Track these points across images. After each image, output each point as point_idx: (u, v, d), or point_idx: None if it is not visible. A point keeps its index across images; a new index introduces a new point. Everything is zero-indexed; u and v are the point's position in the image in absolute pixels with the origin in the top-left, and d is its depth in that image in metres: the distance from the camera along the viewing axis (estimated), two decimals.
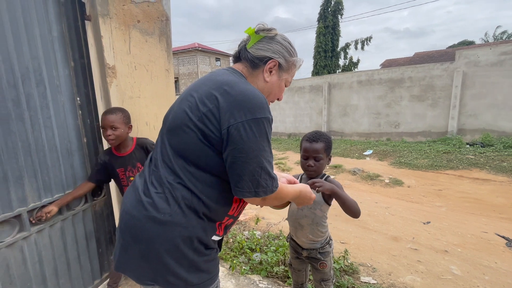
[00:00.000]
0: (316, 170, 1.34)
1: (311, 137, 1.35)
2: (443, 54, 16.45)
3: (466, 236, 2.97)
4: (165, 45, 1.91)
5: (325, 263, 1.43)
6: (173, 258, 0.73)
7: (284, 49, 0.87)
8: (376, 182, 5.19)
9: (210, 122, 0.72)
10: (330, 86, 9.65)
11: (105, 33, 1.61)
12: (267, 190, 0.75)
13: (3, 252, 1.17)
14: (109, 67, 1.67)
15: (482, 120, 6.92)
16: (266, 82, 0.87)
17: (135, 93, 1.80)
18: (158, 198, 0.74)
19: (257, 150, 0.71)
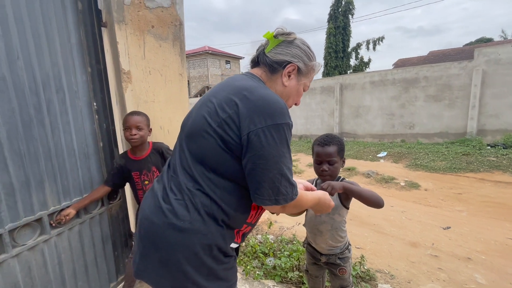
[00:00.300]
0: (331, 174, 1.30)
1: (322, 141, 1.32)
2: (460, 52, 15.90)
3: (489, 243, 2.83)
4: (178, 50, 1.93)
5: (344, 268, 1.39)
6: (192, 266, 0.72)
7: (303, 53, 0.86)
8: (391, 185, 5.04)
9: (229, 128, 0.71)
10: (342, 87, 9.51)
11: (120, 39, 1.64)
12: (287, 198, 0.73)
13: (25, 255, 1.19)
14: (125, 72, 1.69)
15: (503, 120, 6.61)
16: (284, 87, 0.86)
17: (150, 98, 1.82)
18: (177, 205, 0.74)
19: (277, 156, 0.69)
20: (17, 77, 1.13)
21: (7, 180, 1.10)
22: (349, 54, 20.65)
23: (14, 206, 1.13)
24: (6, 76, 1.09)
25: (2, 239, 1.10)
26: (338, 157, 1.31)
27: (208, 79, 27.33)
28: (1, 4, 1.07)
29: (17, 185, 1.13)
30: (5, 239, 1.10)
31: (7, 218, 1.10)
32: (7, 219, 1.10)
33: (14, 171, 1.12)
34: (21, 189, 1.15)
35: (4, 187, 1.08)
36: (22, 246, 1.17)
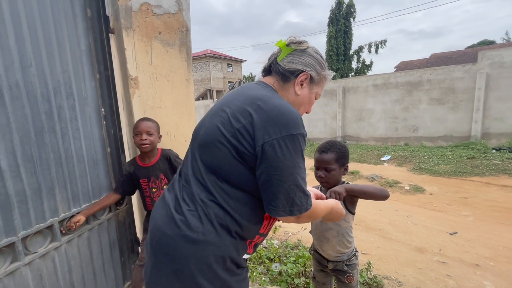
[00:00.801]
0: (327, 181, 1.32)
1: (321, 147, 1.35)
2: (462, 54, 15.86)
3: (498, 249, 2.79)
4: (185, 56, 1.93)
5: (352, 276, 1.38)
6: (205, 278, 0.71)
7: (316, 62, 0.85)
8: (396, 189, 5.01)
9: (243, 139, 0.70)
10: (345, 90, 9.50)
11: (128, 45, 1.64)
12: (301, 209, 0.73)
13: (37, 263, 1.19)
14: (132, 78, 1.70)
15: (509, 124, 6.57)
16: (297, 96, 0.85)
17: (157, 103, 1.82)
18: (191, 216, 0.73)
19: (292, 167, 0.69)
20: (30, 83, 1.13)
21: (20, 187, 1.09)
22: (350, 57, 20.69)
23: (26, 213, 1.13)
24: (20, 82, 1.09)
25: (15, 247, 1.09)
26: (336, 165, 1.31)
27: (210, 82, 27.44)
28: (15, 11, 1.08)
29: (29, 192, 1.13)
30: (18, 247, 1.09)
31: (20, 226, 1.10)
32: (20, 226, 1.10)
33: (26, 178, 1.12)
34: (33, 196, 1.15)
35: (17, 194, 1.08)
36: (34, 253, 1.16)
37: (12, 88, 1.06)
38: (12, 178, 1.06)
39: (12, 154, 1.06)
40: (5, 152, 1.04)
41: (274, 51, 0.89)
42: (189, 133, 2.00)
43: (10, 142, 1.05)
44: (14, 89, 1.07)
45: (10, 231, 1.06)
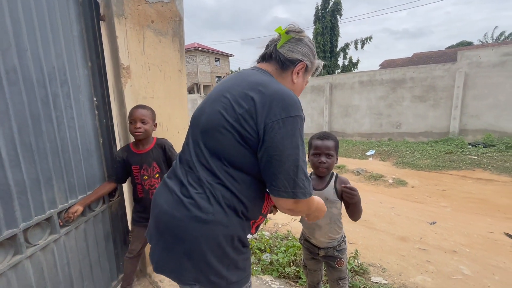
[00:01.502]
0: (328, 167, 1.36)
1: (321, 135, 1.39)
2: (442, 54, 16.51)
3: (473, 236, 2.99)
4: (178, 46, 1.91)
5: (342, 260, 1.44)
6: (216, 256, 0.74)
7: (311, 51, 0.89)
8: (380, 182, 5.20)
9: (246, 123, 0.72)
10: (332, 87, 9.66)
11: (120, 33, 1.60)
12: (305, 192, 0.73)
13: (38, 256, 1.15)
14: (124, 67, 1.66)
15: (484, 121, 6.95)
16: (293, 84, 0.89)
17: (149, 94, 1.80)
18: (199, 198, 0.75)
19: (291, 148, 0.71)
20: (27, 68, 1.08)
21: (20, 177, 1.05)
22: (337, 53, 20.97)
23: (26, 204, 1.08)
24: (17, 67, 1.04)
25: (17, 239, 1.05)
26: (335, 152, 1.37)
27: (198, 76, 27.00)
28: None
29: (28, 183, 1.08)
30: (19, 239, 1.05)
31: (20, 217, 1.05)
32: (20, 218, 1.05)
33: (26, 168, 1.07)
34: (32, 187, 1.10)
35: (17, 184, 1.03)
36: (34, 246, 1.13)
37: (9, 73, 1.01)
38: (11, 168, 1.01)
39: (11, 143, 1.02)
40: (5, 140, 0.99)
41: (274, 37, 0.91)
42: (181, 124, 1.99)
43: (9, 130, 1.01)
44: (11, 74, 1.02)
45: (11, 223, 1.02)
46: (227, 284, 0.76)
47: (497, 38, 24.23)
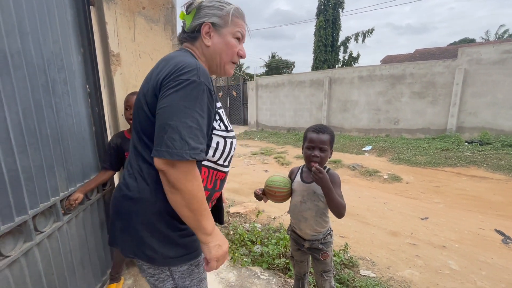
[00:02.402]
0: (320, 162, 1.34)
1: (317, 128, 1.37)
2: (444, 51, 16.38)
3: (463, 232, 3.02)
4: (170, 34, 1.87)
5: (327, 253, 1.45)
6: (148, 231, 0.78)
7: (212, 8, 0.87)
8: (375, 177, 5.22)
9: (153, 96, 0.76)
10: (331, 81, 9.60)
11: (109, 19, 1.57)
12: (172, 153, 0.66)
13: (45, 243, 1.15)
14: (114, 55, 1.63)
15: (481, 118, 6.95)
16: (208, 47, 0.88)
17: (139, 82, 1.77)
18: (128, 177, 0.82)
19: (171, 107, 0.70)
20: (29, 52, 1.05)
21: (27, 163, 1.03)
22: (338, 48, 20.75)
23: (33, 191, 1.07)
24: (20, 50, 1.01)
25: (27, 226, 1.05)
26: (329, 146, 1.35)
27: None
28: None
29: (34, 170, 1.07)
30: (29, 226, 1.05)
31: (28, 205, 1.04)
32: (28, 205, 1.05)
33: (31, 154, 1.06)
34: (38, 174, 1.09)
35: (24, 170, 1.02)
36: (42, 233, 1.13)
37: (14, 56, 0.98)
38: (19, 154, 0.99)
39: (18, 128, 1.00)
40: (12, 125, 0.96)
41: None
42: None
43: (16, 115, 0.99)
44: (16, 58, 0.99)
45: (21, 210, 1.02)
46: (164, 258, 0.78)
47: (501, 35, 24.03)
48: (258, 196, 1.50)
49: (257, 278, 2.00)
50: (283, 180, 1.44)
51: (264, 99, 11.92)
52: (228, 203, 3.76)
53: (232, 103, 13.88)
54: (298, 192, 1.43)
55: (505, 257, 2.53)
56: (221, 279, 1.95)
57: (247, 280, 1.96)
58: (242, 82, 13.11)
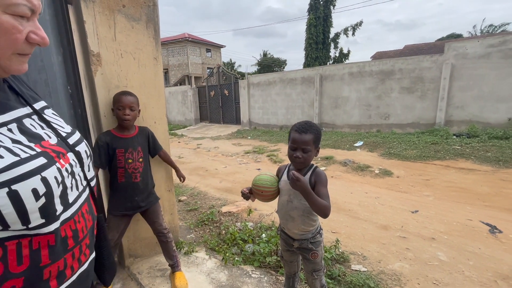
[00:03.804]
0: (303, 162, 1.32)
1: (300, 127, 1.32)
2: (432, 47, 16.65)
3: (452, 224, 3.07)
4: (152, 32, 1.84)
5: (316, 253, 1.44)
6: None
7: None
8: (367, 172, 5.27)
9: None
10: (322, 78, 9.64)
11: (87, 17, 1.53)
12: None
13: None
14: (94, 54, 1.59)
15: (468, 112, 7.09)
16: None
17: (122, 82, 1.73)
18: None
19: None
20: None
21: None
22: (329, 45, 20.88)
23: None
24: None
25: None
26: (313, 146, 1.32)
27: (188, 67, 26.52)
28: None
29: None
30: None
31: None
32: None
33: None
34: None
35: None
36: None
37: None
38: None
39: None
40: None
41: None
42: (158, 114, 1.94)
43: None
44: None
45: None
46: None
47: (487, 30, 24.55)
48: (245, 196, 1.48)
49: (248, 277, 1.99)
50: (270, 179, 1.42)
51: (256, 98, 11.90)
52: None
53: (224, 102, 13.82)
54: (285, 191, 1.41)
55: (491, 246, 2.58)
56: (211, 279, 1.94)
57: (238, 279, 1.95)
58: (233, 81, 13.05)
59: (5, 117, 0.53)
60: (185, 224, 3.02)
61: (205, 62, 28.20)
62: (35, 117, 0.60)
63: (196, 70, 27.17)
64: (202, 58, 28.05)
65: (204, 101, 15.00)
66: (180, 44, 26.48)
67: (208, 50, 29.20)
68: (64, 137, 0.63)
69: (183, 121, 15.89)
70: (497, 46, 6.50)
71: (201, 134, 12.26)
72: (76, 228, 0.59)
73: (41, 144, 0.55)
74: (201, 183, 4.92)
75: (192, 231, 2.85)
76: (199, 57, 27.78)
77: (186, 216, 3.36)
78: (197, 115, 15.44)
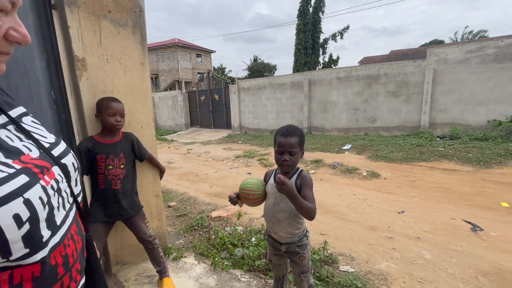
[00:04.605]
0: (291, 165, 1.35)
1: (285, 131, 1.35)
2: (416, 52, 17.24)
3: (436, 223, 3.16)
4: (139, 38, 1.84)
5: (303, 255, 1.46)
6: None
7: None
8: (355, 175, 5.37)
9: None
10: (311, 83, 9.80)
11: (72, 23, 1.53)
12: None
13: None
14: (78, 60, 1.59)
15: (450, 115, 7.36)
16: None
17: (108, 87, 1.73)
18: None
19: None
20: None
21: None
22: (318, 50, 21.29)
23: None
24: None
25: None
26: (299, 148, 1.36)
27: (179, 72, 26.39)
28: None
29: None
30: None
31: None
32: None
33: None
34: None
35: None
36: None
37: None
38: None
39: None
40: None
41: None
42: (145, 119, 1.94)
43: None
44: None
45: None
46: None
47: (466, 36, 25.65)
48: (233, 201, 1.49)
49: (237, 281, 1.99)
50: (256, 182, 1.44)
51: (247, 102, 11.95)
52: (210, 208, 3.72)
53: (215, 107, 13.80)
54: (271, 194, 1.44)
55: (473, 244, 2.68)
56: (200, 284, 1.92)
57: (227, 283, 1.95)
58: (224, 86, 13.08)
59: None
60: (174, 230, 2.99)
61: (195, 67, 28.15)
62: (11, 127, 0.52)
63: (186, 75, 27.07)
64: (192, 63, 27.99)
65: (194, 106, 14.94)
66: (170, 49, 26.37)
67: (199, 55, 29.19)
68: (47, 149, 0.55)
69: (173, 126, 15.74)
70: (475, 52, 6.81)
71: (191, 139, 12.17)
72: (66, 253, 0.51)
73: (21, 159, 0.47)
74: (191, 188, 4.88)
75: (181, 237, 2.83)
76: (189, 62, 27.72)
77: (176, 222, 3.32)
78: (187, 120, 15.34)
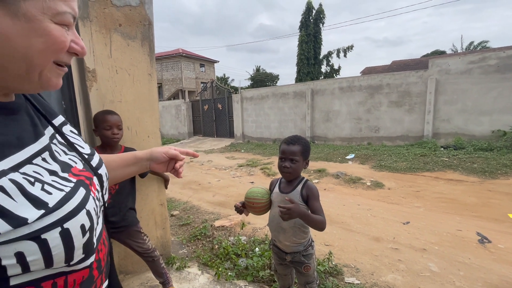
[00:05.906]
0: (291, 172, 1.36)
1: (289, 140, 1.40)
2: (418, 62, 17.38)
3: (442, 235, 3.12)
4: (147, 49, 1.90)
5: (309, 265, 1.45)
6: None
7: None
8: (359, 185, 5.33)
9: None
10: (313, 92, 9.88)
11: (84, 36, 1.58)
12: None
13: None
14: (89, 71, 1.63)
15: (454, 125, 7.34)
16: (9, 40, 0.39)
17: (116, 97, 1.77)
18: None
19: None
20: None
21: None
22: (320, 61, 21.59)
23: None
24: None
25: None
26: (301, 157, 1.37)
27: (182, 82, 26.77)
28: None
29: None
30: None
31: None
32: None
33: None
34: None
35: None
36: None
37: None
38: None
39: None
40: None
41: None
42: (151, 128, 1.97)
43: None
44: None
45: None
46: None
47: (466, 47, 25.87)
48: (239, 209, 1.50)
49: None
50: (261, 191, 1.45)
51: (249, 111, 12.04)
52: None
53: (218, 116, 13.92)
54: (277, 203, 1.44)
55: (481, 256, 2.63)
56: None
57: None
58: (227, 95, 13.23)
59: (37, 146, 0.46)
60: (177, 239, 2.98)
61: (198, 77, 28.56)
62: (56, 140, 0.53)
63: (190, 85, 27.44)
64: (196, 73, 28.41)
65: (197, 115, 15.07)
66: (174, 59, 26.85)
67: (202, 65, 29.65)
68: (87, 159, 0.57)
69: (177, 135, 15.85)
70: (477, 63, 6.86)
71: (194, 147, 12.22)
72: (99, 257, 0.54)
73: (72, 172, 0.50)
74: (194, 197, 4.87)
75: (184, 246, 2.81)
76: (193, 71, 28.15)
77: (179, 231, 3.31)
78: (190, 129, 15.45)
